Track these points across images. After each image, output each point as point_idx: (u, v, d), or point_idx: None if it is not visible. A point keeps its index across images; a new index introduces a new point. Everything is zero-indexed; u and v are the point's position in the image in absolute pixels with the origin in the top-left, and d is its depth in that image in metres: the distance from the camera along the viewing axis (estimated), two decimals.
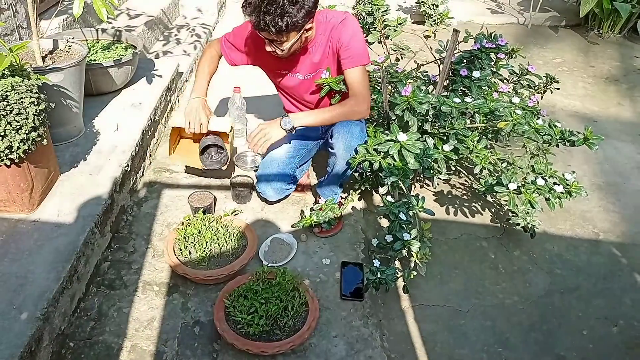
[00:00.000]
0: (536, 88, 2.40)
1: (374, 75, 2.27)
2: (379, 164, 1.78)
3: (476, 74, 2.12)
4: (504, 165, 2.07)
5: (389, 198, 1.85)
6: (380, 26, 2.34)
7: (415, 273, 1.76)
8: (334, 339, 1.63)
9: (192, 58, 3.23)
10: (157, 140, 2.52)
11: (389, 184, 1.80)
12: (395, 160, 1.77)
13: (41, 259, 1.56)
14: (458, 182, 2.48)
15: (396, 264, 1.89)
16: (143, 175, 2.30)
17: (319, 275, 1.86)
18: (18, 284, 1.48)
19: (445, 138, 2.00)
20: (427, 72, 2.45)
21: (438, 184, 2.43)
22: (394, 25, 2.35)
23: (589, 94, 3.56)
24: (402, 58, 2.44)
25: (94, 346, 1.55)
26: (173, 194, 2.22)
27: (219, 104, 2.88)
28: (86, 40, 2.51)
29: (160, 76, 2.69)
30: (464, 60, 2.23)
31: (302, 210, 2.14)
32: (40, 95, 1.62)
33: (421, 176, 2.43)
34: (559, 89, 2.45)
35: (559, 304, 1.90)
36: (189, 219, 1.94)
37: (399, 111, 1.89)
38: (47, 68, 1.85)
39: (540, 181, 1.94)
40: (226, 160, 2.07)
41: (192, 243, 1.84)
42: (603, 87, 3.68)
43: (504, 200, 2.30)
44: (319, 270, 1.88)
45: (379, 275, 1.70)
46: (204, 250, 1.82)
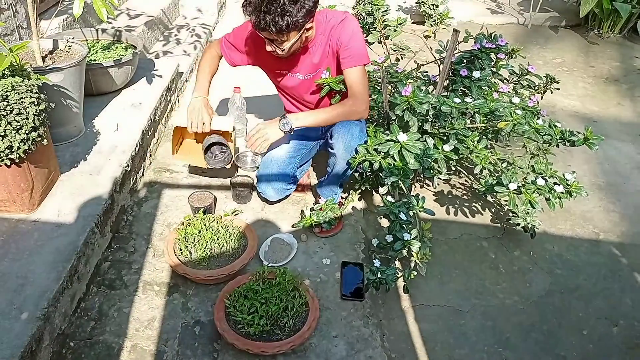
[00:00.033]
0: (536, 88, 2.40)
1: (374, 75, 2.27)
2: (379, 164, 1.78)
3: (476, 74, 2.12)
4: (504, 165, 2.07)
5: (389, 198, 1.85)
6: (380, 26, 2.34)
7: (415, 273, 1.76)
8: (334, 339, 1.63)
9: (192, 58, 3.23)
10: (158, 140, 2.53)
11: (389, 184, 1.80)
12: (395, 160, 1.77)
13: (41, 259, 1.56)
14: (458, 182, 2.49)
15: (396, 264, 1.89)
16: (143, 175, 2.30)
17: (319, 275, 1.86)
18: (18, 284, 1.48)
19: (445, 138, 2.01)
20: (427, 72, 2.45)
21: (438, 184, 2.43)
22: (394, 26, 2.35)
23: (589, 94, 3.56)
24: (402, 58, 2.44)
25: (94, 346, 1.55)
26: (173, 193, 2.22)
27: (219, 104, 2.88)
28: (86, 40, 2.51)
29: (160, 76, 2.69)
30: (464, 61, 2.23)
31: (303, 210, 2.14)
32: (41, 95, 1.62)
33: (421, 176, 2.43)
34: (559, 89, 2.45)
35: (559, 304, 1.90)
36: (189, 219, 1.94)
37: (399, 111, 1.89)
38: (47, 68, 1.85)
39: (540, 181, 1.94)
40: (230, 158, 2.08)
41: (193, 243, 1.84)
42: (603, 87, 3.69)
43: (504, 200, 2.30)
44: (319, 270, 1.88)
45: (379, 275, 1.70)
46: (204, 250, 1.82)
